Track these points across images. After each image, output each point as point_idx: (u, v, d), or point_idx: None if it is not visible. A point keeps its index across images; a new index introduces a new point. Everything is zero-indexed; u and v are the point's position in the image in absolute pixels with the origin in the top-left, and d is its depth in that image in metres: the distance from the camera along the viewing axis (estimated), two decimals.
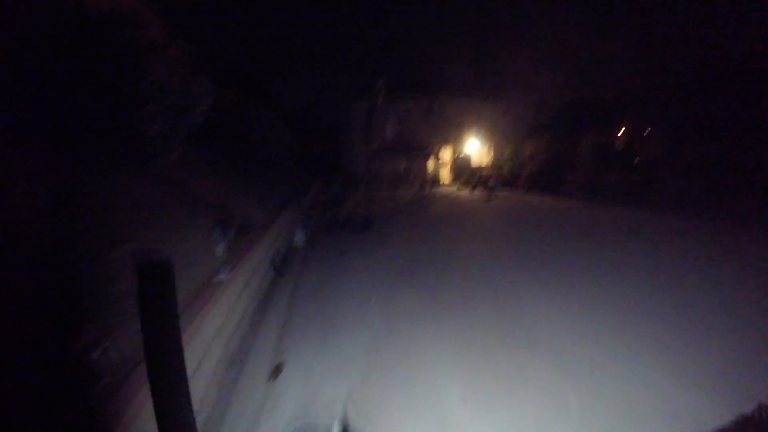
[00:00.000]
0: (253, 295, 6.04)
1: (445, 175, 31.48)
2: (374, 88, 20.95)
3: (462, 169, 29.42)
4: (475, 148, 30.83)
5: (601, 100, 22.76)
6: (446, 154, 31.00)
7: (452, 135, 30.45)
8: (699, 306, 5.27)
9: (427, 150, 24.47)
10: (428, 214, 14.84)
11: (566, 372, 3.84)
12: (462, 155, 30.79)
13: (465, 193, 23.00)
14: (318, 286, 6.90)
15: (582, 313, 5.14)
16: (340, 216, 13.66)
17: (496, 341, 4.50)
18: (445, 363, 4.15)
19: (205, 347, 3.95)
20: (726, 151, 13.68)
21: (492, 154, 31.44)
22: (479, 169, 28.54)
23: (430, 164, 30.05)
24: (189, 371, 3.08)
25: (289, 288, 6.90)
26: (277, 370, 4.31)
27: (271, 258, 7.67)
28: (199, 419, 2.75)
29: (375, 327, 5.10)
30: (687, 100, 18.04)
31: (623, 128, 21.45)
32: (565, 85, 24.95)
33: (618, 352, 4.14)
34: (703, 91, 17.35)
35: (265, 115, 17.00)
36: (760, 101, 14.29)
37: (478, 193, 22.23)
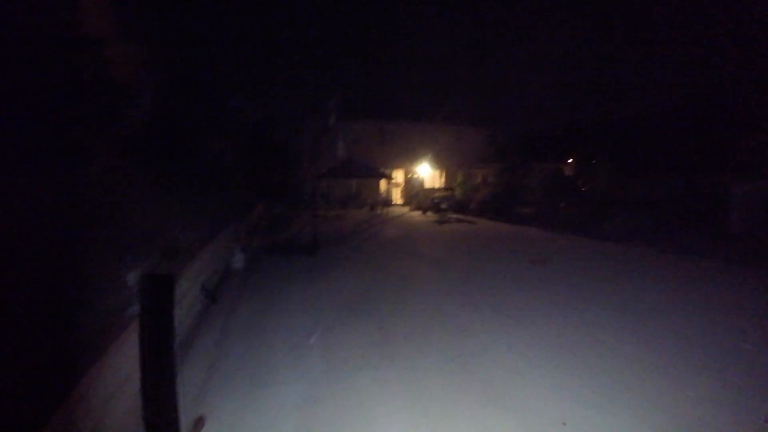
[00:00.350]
0: (176, 329, 5.19)
1: (397, 197, 31.16)
2: (325, 108, 20.48)
3: (414, 192, 29.16)
4: (428, 172, 30.69)
5: (552, 131, 23.24)
6: (398, 176, 30.71)
7: (404, 158, 30.23)
8: (670, 345, 4.86)
9: (379, 172, 24.04)
10: (379, 238, 14.20)
11: None
12: (414, 178, 30.57)
13: (417, 215, 22.62)
14: (253, 319, 6.09)
15: (546, 358, 4.59)
16: (284, 238, 12.85)
17: (455, 394, 3.87)
18: (395, 421, 3.47)
19: (108, 395, 3.17)
20: (674, 186, 13.92)
21: (444, 178, 31.44)
22: (431, 192, 28.38)
23: (382, 186, 29.64)
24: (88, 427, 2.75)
25: (220, 321, 6.06)
26: (197, 425, 3.54)
27: (202, 283, 6.81)
28: None
29: (314, 372, 4.36)
30: (635, 136, 18.64)
31: (572, 159, 21.90)
32: (518, 116, 25.40)
33: (589, 408, 3.59)
34: (651, 129, 17.96)
35: (210, 130, 16.06)
36: (704, 140, 14.86)
37: (430, 216, 21.89)
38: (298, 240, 12.43)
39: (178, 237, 7.74)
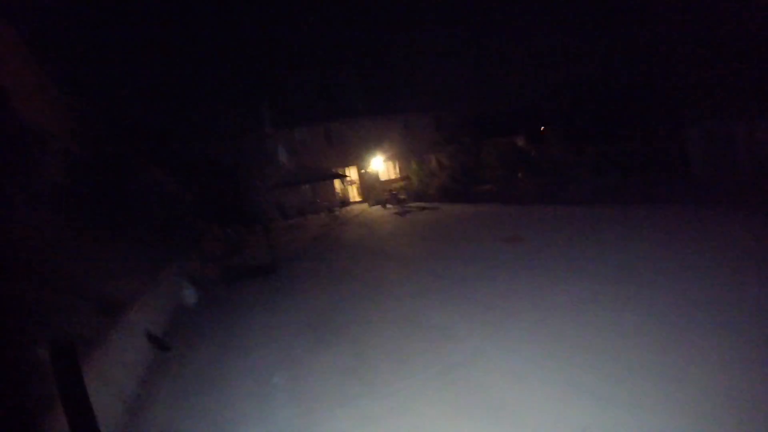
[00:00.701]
0: (120, 391, 4.42)
1: (354, 194, 30.52)
2: (258, 116, 19.71)
3: (370, 187, 28.57)
4: (381, 165, 30.16)
5: (500, 108, 23.10)
6: (352, 173, 30.04)
7: (356, 155, 29.60)
8: (679, 307, 4.39)
9: (332, 172, 23.38)
10: (340, 242, 13.51)
11: None
12: (368, 172, 29.96)
13: (376, 210, 22.05)
14: (209, 364, 5.32)
15: (545, 351, 4.01)
16: (240, 261, 11.99)
17: (452, 417, 3.24)
18: None
19: None
20: (631, 144, 13.76)
21: (398, 168, 30.97)
22: (388, 184, 27.88)
23: (337, 186, 28.92)
24: None
25: (171, 372, 5.28)
26: None
27: (147, 331, 6.00)
28: None
29: (282, 418, 3.68)
30: (583, 103, 18.62)
31: (523, 132, 21.80)
32: (464, 96, 25.12)
33: (607, 402, 3.03)
34: (598, 94, 18.02)
35: (147, 161, 15.01)
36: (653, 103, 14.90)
37: (390, 209, 21.38)
38: (256, 260, 11.60)
39: (115, 285, 6.90)
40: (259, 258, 11.57)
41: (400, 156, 30.67)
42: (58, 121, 8.14)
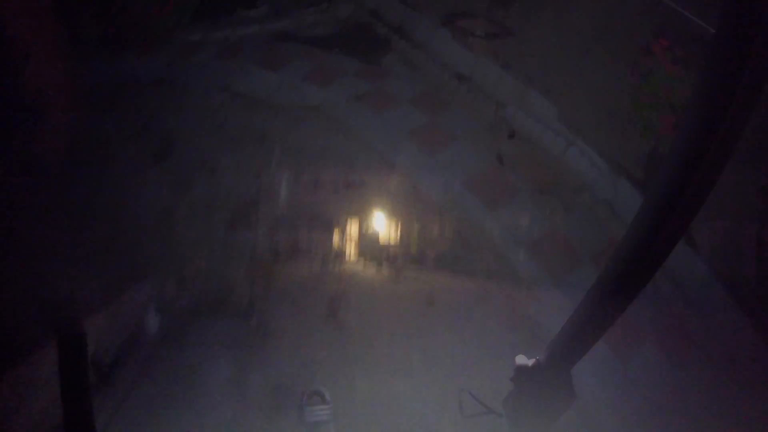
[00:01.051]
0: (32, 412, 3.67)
1: (352, 250, 30.12)
2: (269, 153, 19.57)
3: (369, 245, 28.14)
4: (383, 224, 29.92)
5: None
6: (353, 227, 29.75)
7: (359, 208, 29.38)
8: None
9: (333, 221, 23.03)
10: (324, 297, 12.75)
11: None
12: (369, 230, 29.68)
13: (371, 271, 21.51)
14: (149, 411, 4.51)
15: None
16: (219, 295, 11.23)
17: None
18: None
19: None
20: None
21: (400, 229, 30.71)
22: (387, 246, 27.49)
23: (335, 237, 28.57)
24: None
25: (104, 414, 4.46)
26: None
27: (91, 354, 5.22)
28: None
29: None
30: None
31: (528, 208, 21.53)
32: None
33: None
34: None
35: (152, 168, 14.65)
36: None
37: (384, 271, 20.82)
38: (236, 298, 10.89)
39: (72, 289, 6.19)
40: (240, 297, 10.86)
41: (403, 217, 30.46)
42: (68, 94, 7.70)
